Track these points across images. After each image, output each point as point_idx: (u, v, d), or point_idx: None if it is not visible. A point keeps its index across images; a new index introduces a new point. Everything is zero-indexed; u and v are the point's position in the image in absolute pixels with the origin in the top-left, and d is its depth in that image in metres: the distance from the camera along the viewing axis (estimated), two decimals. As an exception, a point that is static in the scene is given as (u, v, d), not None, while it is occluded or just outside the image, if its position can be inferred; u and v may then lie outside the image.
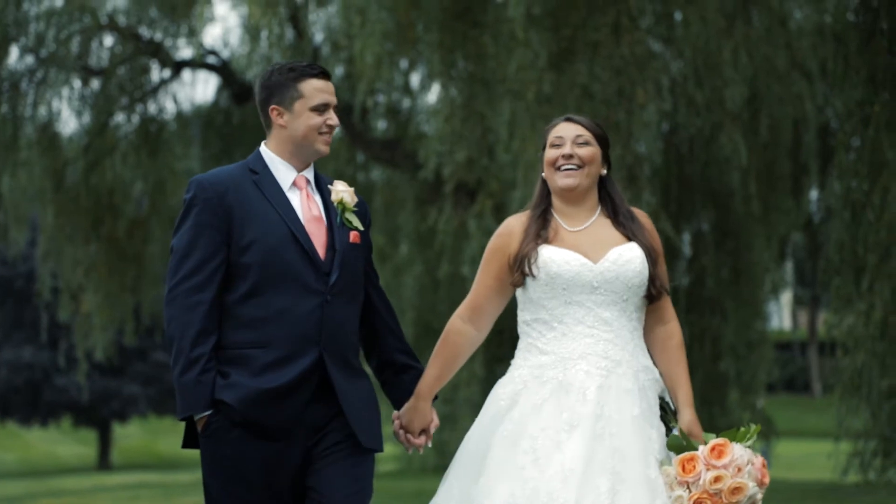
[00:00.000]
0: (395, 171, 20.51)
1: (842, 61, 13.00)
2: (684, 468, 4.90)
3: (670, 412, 5.10)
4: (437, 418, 5.27)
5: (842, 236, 13.27)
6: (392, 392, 5.28)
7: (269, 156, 5.09)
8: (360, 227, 5.10)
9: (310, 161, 5.13)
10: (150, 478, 29.40)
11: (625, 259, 5.08)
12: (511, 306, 5.38)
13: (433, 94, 19.10)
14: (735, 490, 4.87)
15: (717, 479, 4.86)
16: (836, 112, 15.15)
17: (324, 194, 5.12)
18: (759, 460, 4.98)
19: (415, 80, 20.25)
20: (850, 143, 13.35)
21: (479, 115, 16.15)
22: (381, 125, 20.85)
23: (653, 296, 5.14)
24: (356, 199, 5.13)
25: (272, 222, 4.94)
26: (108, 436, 37.99)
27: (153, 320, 21.85)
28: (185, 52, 20.40)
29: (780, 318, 50.41)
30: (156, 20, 19.83)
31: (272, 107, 5.06)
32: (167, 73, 20.62)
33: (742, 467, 4.89)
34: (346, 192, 5.10)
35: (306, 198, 5.07)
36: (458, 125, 16.16)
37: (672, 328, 5.23)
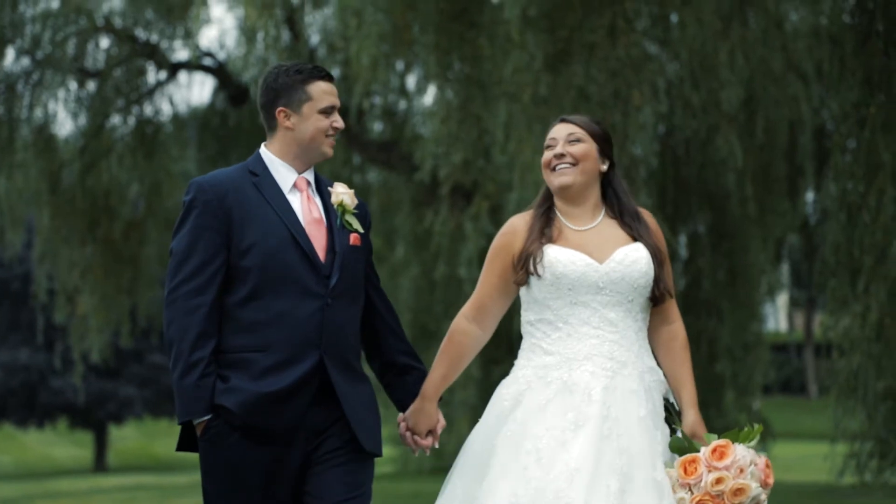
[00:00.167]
0: (391, 172, 20.51)
1: (838, 63, 13.02)
2: (686, 470, 4.87)
3: (675, 413, 5.08)
4: (443, 419, 5.24)
5: (838, 238, 13.28)
6: (396, 394, 5.24)
7: (270, 158, 5.05)
8: (361, 230, 5.07)
9: (314, 163, 5.11)
10: (146, 480, 29.37)
11: (630, 259, 5.06)
12: (509, 309, 5.37)
13: (429, 96, 19.10)
14: (737, 491, 4.84)
15: (718, 481, 4.83)
16: (832, 114, 15.15)
17: (324, 196, 5.09)
18: (762, 461, 4.95)
19: (411, 81, 20.25)
20: (846, 145, 13.36)
21: (476, 116, 16.15)
22: (378, 127, 20.85)
23: (657, 297, 5.13)
24: (356, 202, 5.10)
25: (272, 225, 4.91)
26: (104, 438, 37.93)
27: (149, 322, 21.85)
28: (182, 53, 20.39)
29: (776, 320, 50.43)
30: (152, 22, 19.82)
31: (279, 109, 5.02)
32: (163, 74, 20.61)
33: (744, 468, 4.86)
34: (347, 195, 5.07)
35: (307, 200, 5.03)
36: (455, 127, 16.16)
37: (676, 328, 5.22)
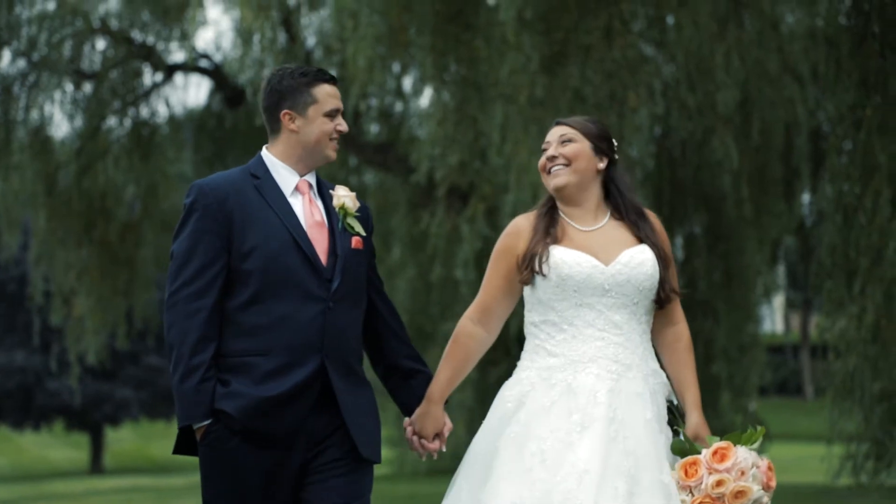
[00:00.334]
0: (387, 174, 20.51)
1: (833, 65, 13.02)
2: (686, 472, 4.84)
3: (678, 416, 5.05)
4: (449, 422, 5.22)
5: (834, 240, 13.29)
6: (400, 397, 5.21)
7: (272, 160, 5.03)
8: (363, 233, 5.04)
9: (317, 166, 5.08)
10: (142, 481, 29.37)
11: (636, 262, 5.04)
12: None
13: (425, 98, 19.11)
14: (738, 494, 4.81)
15: (719, 483, 4.80)
16: (828, 115, 15.17)
17: (326, 199, 5.06)
18: (764, 463, 4.93)
19: (407, 83, 20.25)
20: (842, 147, 13.37)
21: (472, 118, 16.15)
22: (374, 129, 20.85)
23: (662, 299, 5.12)
24: (358, 205, 5.07)
25: (274, 228, 4.87)
26: (100, 440, 37.92)
27: (145, 324, 21.85)
28: (178, 55, 20.40)
29: (772, 322, 50.45)
30: (148, 24, 19.82)
31: (284, 111, 4.99)
32: (159, 76, 20.61)
33: (746, 471, 4.84)
34: (348, 198, 5.04)
35: (308, 203, 5.01)
36: (451, 129, 16.16)
37: (681, 330, 5.20)
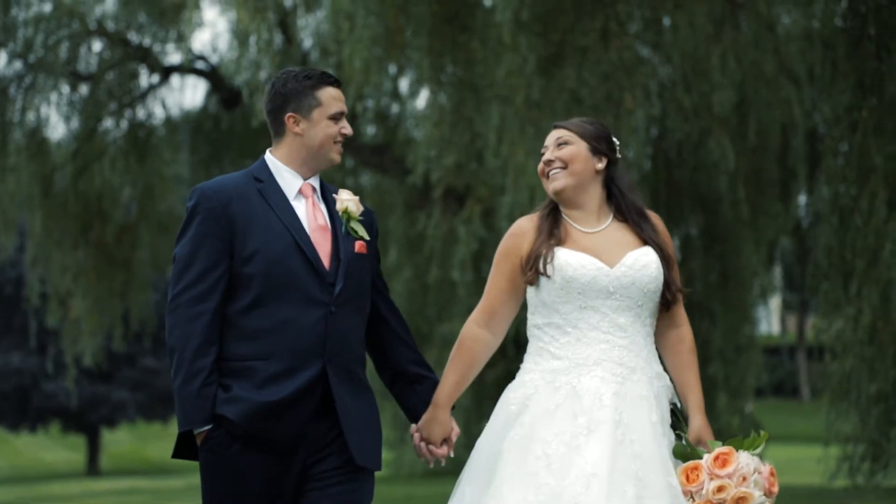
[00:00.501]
0: (383, 176, 20.52)
1: (830, 66, 13.04)
2: (688, 477, 4.81)
3: (681, 419, 5.02)
4: (457, 426, 5.17)
5: (830, 241, 13.30)
6: (407, 403, 5.18)
7: (275, 164, 5.00)
8: (367, 237, 5.00)
9: (321, 170, 5.05)
10: (139, 483, 29.36)
11: (641, 264, 4.99)
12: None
13: (422, 100, 19.12)
14: (739, 500, 4.77)
15: (720, 489, 4.76)
16: (824, 117, 15.18)
17: (329, 203, 5.02)
18: (766, 469, 4.87)
19: (403, 85, 20.26)
20: (838, 148, 13.38)
21: (468, 120, 16.16)
22: (370, 130, 20.85)
23: (668, 301, 5.07)
24: (362, 209, 5.03)
25: (276, 232, 4.85)
26: (96, 441, 37.89)
27: (142, 326, 21.83)
28: (174, 57, 20.41)
29: (768, 323, 50.47)
30: (144, 25, 19.82)
31: (289, 114, 4.96)
32: (156, 78, 20.62)
33: (747, 476, 4.79)
34: (352, 201, 5.00)
35: (312, 206, 4.97)
36: (447, 130, 16.16)
37: (684, 332, 5.15)
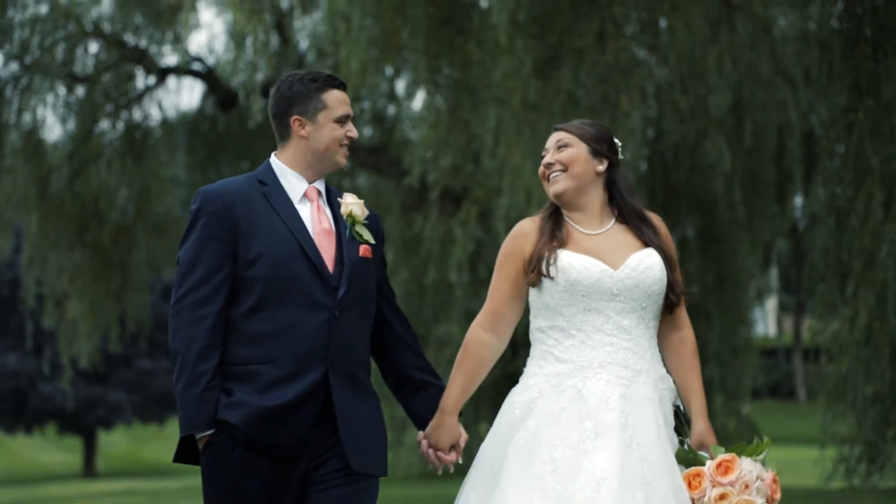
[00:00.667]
0: (380, 177, 20.52)
1: (826, 68, 13.05)
2: (690, 484, 4.78)
3: (684, 422, 5.00)
4: (465, 432, 5.12)
5: (826, 243, 13.32)
6: (413, 409, 5.13)
7: (280, 167, 4.97)
8: (371, 241, 4.96)
9: (326, 173, 5.02)
10: (135, 485, 29.34)
11: (645, 266, 4.98)
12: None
13: (418, 101, 19.11)
14: None
15: (722, 497, 4.74)
16: (821, 119, 15.18)
17: (335, 207, 5.00)
18: (769, 476, 4.84)
19: (400, 86, 20.26)
20: (835, 150, 13.40)
21: (465, 121, 16.16)
22: (367, 132, 20.85)
23: (673, 303, 5.04)
24: (367, 213, 4.99)
25: (280, 235, 4.82)
26: (93, 443, 37.87)
27: (138, 327, 21.83)
28: (171, 58, 20.40)
29: (764, 325, 50.46)
30: (141, 27, 19.82)
31: (294, 117, 4.93)
32: (152, 79, 20.62)
33: (750, 484, 4.76)
34: (356, 205, 4.97)
35: (317, 210, 4.94)
36: (444, 132, 16.16)
37: (686, 335, 5.11)
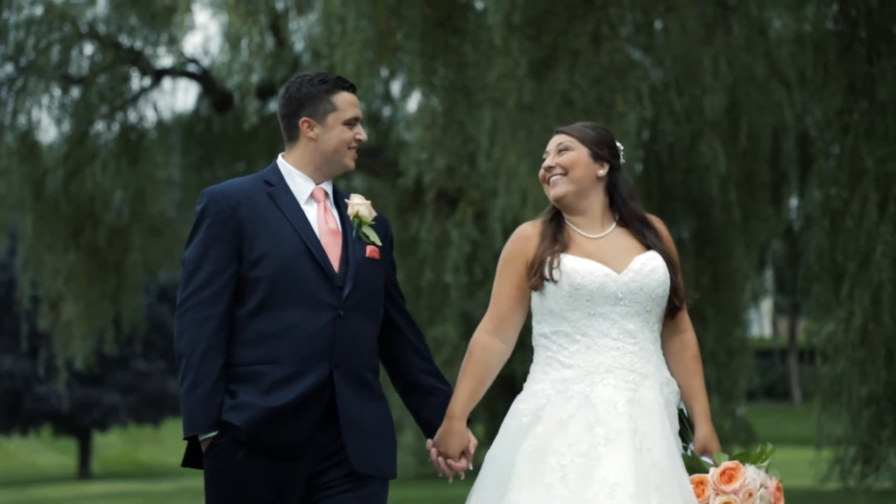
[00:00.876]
0: (376, 179, 20.53)
1: (821, 70, 13.07)
2: (693, 491, 4.76)
3: (688, 426, 4.96)
4: (474, 437, 5.05)
5: (821, 244, 13.33)
6: (421, 415, 5.07)
7: (287, 168, 4.96)
8: (378, 242, 4.93)
9: (334, 175, 5.00)
10: (130, 487, 29.33)
11: (648, 269, 4.92)
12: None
13: (414, 102, 19.12)
14: None
15: None
16: (816, 120, 15.20)
17: (342, 208, 4.96)
18: (773, 483, 4.83)
19: (395, 88, 20.28)
20: (830, 151, 13.41)
21: (460, 123, 16.16)
22: (362, 133, 20.84)
23: (676, 307, 5.00)
24: (374, 214, 4.97)
25: (285, 235, 4.79)
26: (88, 445, 37.85)
27: (133, 329, 21.82)
28: (166, 60, 20.39)
29: (760, 326, 50.51)
30: (136, 28, 19.81)
31: (303, 119, 4.94)
32: (147, 81, 20.61)
33: (753, 492, 4.75)
34: (363, 206, 4.94)
35: (323, 211, 4.92)
36: (439, 133, 16.16)
37: (688, 338, 5.07)
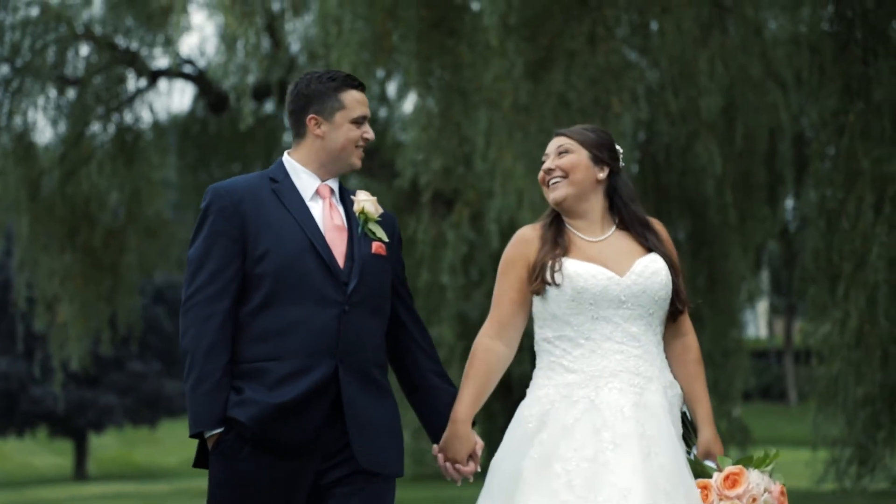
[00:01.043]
0: (371, 179, 20.52)
1: (817, 71, 13.09)
2: None
3: (691, 429, 4.94)
4: (480, 440, 4.99)
5: (817, 245, 13.35)
6: (426, 416, 5.04)
7: (293, 165, 4.92)
8: (385, 238, 4.90)
9: (339, 174, 4.98)
10: (126, 488, 29.31)
11: (650, 271, 4.89)
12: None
13: (410, 103, 19.12)
14: None
15: None
16: (811, 121, 15.24)
17: (348, 205, 4.95)
18: (777, 488, 4.80)
19: (391, 89, 20.27)
20: (825, 152, 13.43)
21: (456, 124, 16.15)
22: (358, 134, 20.83)
23: (678, 310, 4.98)
24: (380, 210, 4.94)
25: (289, 231, 4.76)
26: (84, 446, 37.83)
27: (129, 330, 21.80)
28: (162, 61, 20.40)
29: (756, 327, 50.53)
30: (132, 29, 19.80)
31: (310, 116, 4.89)
32: (143, 82, 20.60)
33: (757, 497, 4.72)
34: (369, 202, 4.92)
35: (329, 207, 4.89)
36: (435, 134, 16.16)
37: (689, 341, 5.04)
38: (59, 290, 20.15)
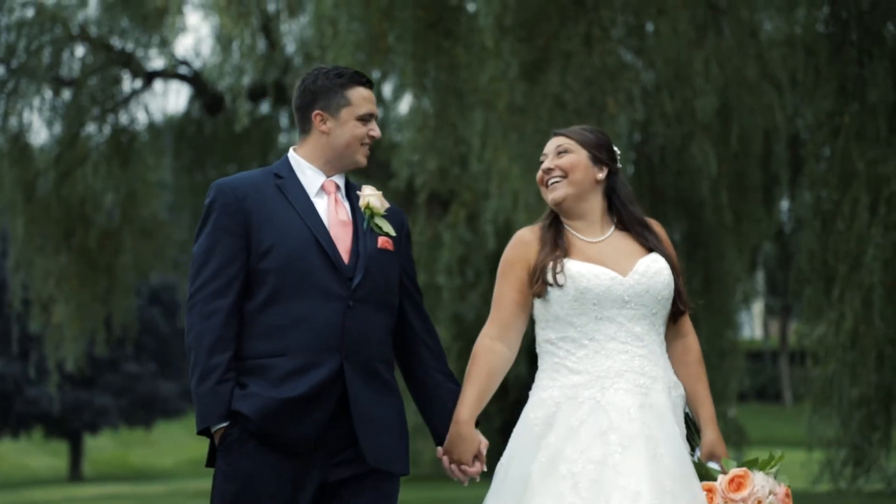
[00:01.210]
0: (367, 180, 20.52)
1: (812, 72, 13.11)
2: None
3: (695, 430, 4.93)
4: (484, 439, 4.97)
5: (812, 246, 13.36)
6: (430, 416, 5.00)
7: (298, 161, 4.89)
8: (392, 233, 4.86)
9: (344, 171, 4.94)
10: (121, 489, 29.29)
11: (653, 271, 4.87)
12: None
13: (405, 104, 19.13)
14: None
15: None
16: (807, 122, 15.24)
17: (353, 201, 4.91)
18: (781, 490, 4.78)
19: (387, 90, 20.27)
20: (821, 154, 13.45)
21: (452, 125, 16.16)
22: (354, 135, 20.83)
23: (679, 311, 4.97)
24: (387, 205, 4.90)
25: (293, 227, 4.74)
26: (79, 447, 37.80)
27: (124, 331, 21.80)
28: (157, 62, 20.39)
29: (751, 328, 50.55)
30: (127, 30, 19.80)
31: (316, 112, 4.86)
32: (139, 83, 20.60)
33: (762, 500, 4.70)
34: (374, 196, 4.88)
35: (334, 203, 4.86)
36: (431, 135, 16.17)
37: (690, 342, 5.05)
38: (55, 291, 20.15)
